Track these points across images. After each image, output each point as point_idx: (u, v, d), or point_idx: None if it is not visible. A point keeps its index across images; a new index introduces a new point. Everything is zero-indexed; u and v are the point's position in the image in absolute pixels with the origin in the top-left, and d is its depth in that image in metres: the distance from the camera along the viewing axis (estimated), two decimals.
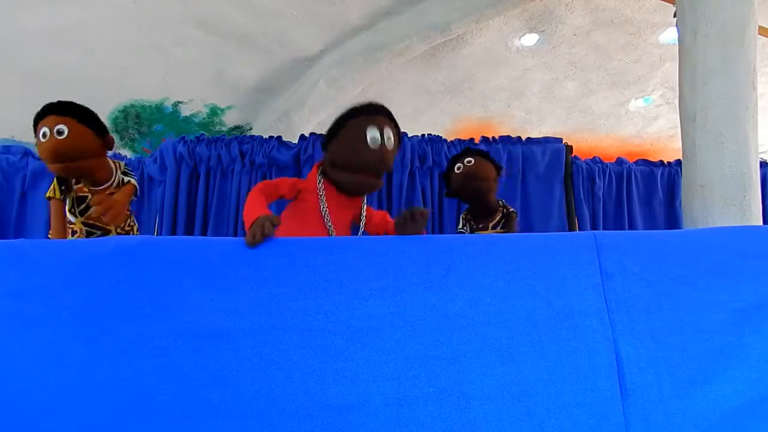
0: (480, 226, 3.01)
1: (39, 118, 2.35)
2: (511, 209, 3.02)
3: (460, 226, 3.11)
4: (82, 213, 2.52)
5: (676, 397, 1.32)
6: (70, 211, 2.51)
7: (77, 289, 1.35)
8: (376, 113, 2.04)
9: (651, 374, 1.34)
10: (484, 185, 2.92)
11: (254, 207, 1.84)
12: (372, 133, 1.97)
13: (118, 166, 2.62)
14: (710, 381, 1.34)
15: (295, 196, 2.14)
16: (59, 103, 2.37)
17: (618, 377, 1.34)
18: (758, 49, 3.06)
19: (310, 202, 2.11)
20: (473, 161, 2.93)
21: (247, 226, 1.70)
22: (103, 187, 2.54)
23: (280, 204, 2.15)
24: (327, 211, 2.09)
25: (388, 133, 2.01)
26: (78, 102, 2.40)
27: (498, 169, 3.02)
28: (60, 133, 2.29)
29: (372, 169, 2.01)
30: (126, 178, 2.62)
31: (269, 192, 2.05)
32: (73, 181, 2.49)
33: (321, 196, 2.10)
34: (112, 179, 2.57)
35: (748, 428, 1.31)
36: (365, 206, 2.23)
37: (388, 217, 2.26)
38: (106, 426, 1.22)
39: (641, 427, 1.30)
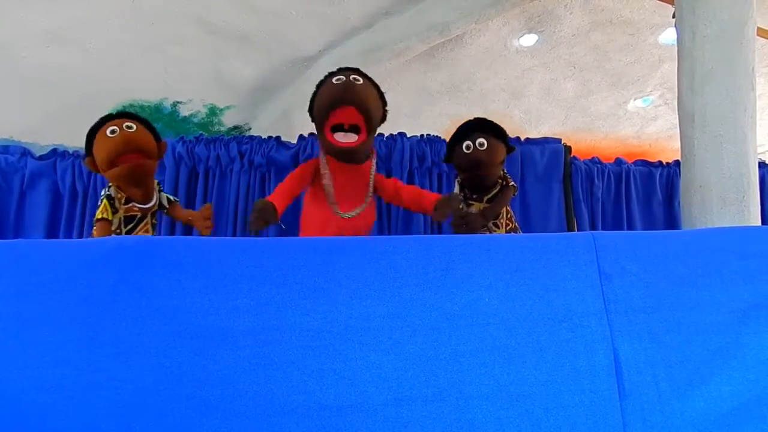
0: (474, 196, 2.86)
1: (102, 122, 2.46)
2: (512, 182, 2.86)
3: (457, 189, 2.93)
4: (129, 233, 2.49)
5: (674, 398, 1.32)
6: (116, 231, 2.47)
7: (76, 289, 1.35)
8: (342, 71, 2.21)
9: (649, 375, 1.35)
10: (491, 172, 2.76)
11: (275, 191, 1.95)
12: (337, 77, 2.14)
13: (154, 183, 2.66)
14: (708, 381, 1.34)
15: (314, 177, 2.20)
16: (120, 112, 2.52)
17: (616, 377, 1.34)
18: (757, 50, 3.06)
19: (319, 183, 2.17)
20: (486, 145, 2.68)
21: None
22: (149, 205, 2.56)
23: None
24: (331, 186, 2.13)
25: (354, 76, 2.09)
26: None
27: (510, 149, 2.83)
28: (129, 128, 2.40)
29: (342, 99, 2.06)
30: (171, 197, 2.71)
31: (300, 178, 2.12)
32: (123, 200, 2.48)
33: (324, 171, 2.15)
34: (155, 197, 2.62)
35: (746, 429, 1.31)
36: (373, 173, 2.26)
37: (399, 182, 2.29)
38: (104, 426, 1.22)
39: (639, 427, 1.30)
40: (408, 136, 3.86)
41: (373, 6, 4.50)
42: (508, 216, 2.88)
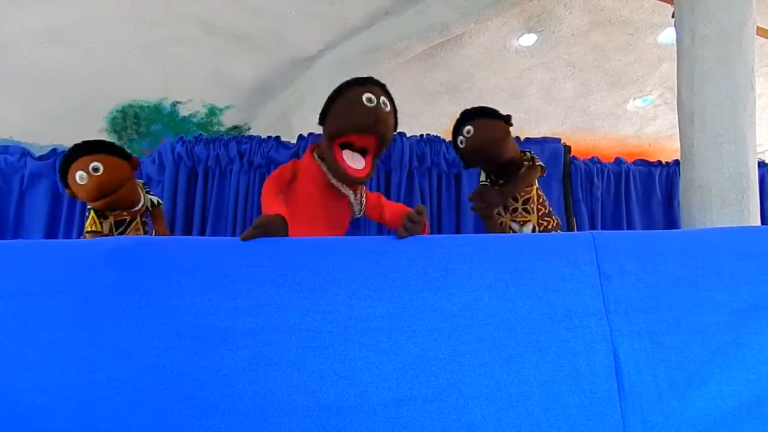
0: (501, 182, 2.76)
1: (68, 162, 2.44)
2: (539, 162, 2.73)
3: (483, 178, 2.83)
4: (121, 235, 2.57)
5: (674, 398, 1.32)
6: (107, 235, 2.54)
7: (75, 289, 1.35)
8: (371, 83, 2.07)
9: (649, 375, 1.34)
10: (492, 150, 2.61)
11: (268, 203, 1.88)
12: (367, 95, 1.98)
13: (138, 185, 2.72)
14: (708, 381, 1.34)
15: (293, 178, 2.14)
16: (84, 143, 2.48)
17: (616, 377, 1.34)
18: (756, 50, 3.06)
19: (302, 184, 2.11)
20: (472, 130, 2.60)
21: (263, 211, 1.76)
22: (137, 208, 2.65)
23: None
24: (311, 197, 2.09)
25: (383, 99, 2.01)
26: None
27: (506, 120, 2.66)
28: (96, 170, 2.40)
29: (371, 125, 1.99)
30: (154, 198, 2.78)
31: (282, 182, 2.07)
32: (98, 229, 2.56)
33: (316, 180, 2.10)
34: (142, 199, 2.69)
35: (746, 429, 1.31)
36: (363, 190, 2.20)
37: (383, 198, 2.22)
38: (104, 426, 1.22)
39: (639, 427, 1.30)
40: (407, 136, 3.86)
41: (372, 6, 4.50)
42: (540, 201, 2.76)
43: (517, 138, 3.94)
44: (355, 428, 1.25)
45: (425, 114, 5.78)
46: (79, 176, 2.39)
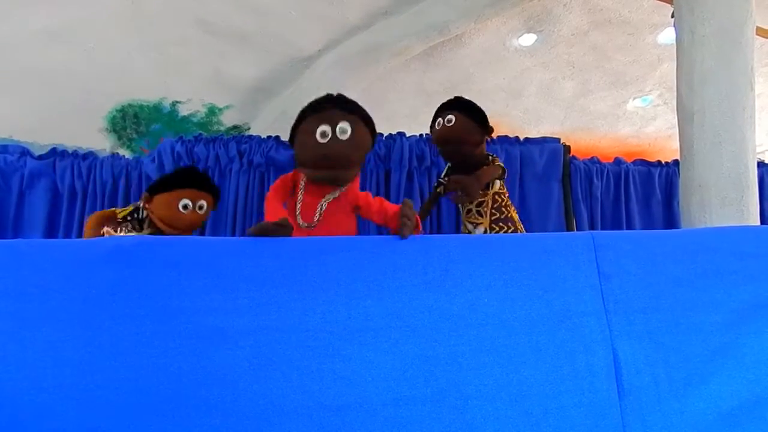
0: (442, 180, 2.86)
1: (173, 185, 2.59)
2: (497, 163, 2.71)
3: (443, 175, 2.88)
4: None
5: (673, 398, 1.32)
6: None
7: (75, 289, 1.35)
8: (325, 108, 2.00)
9: (648, 375, 1.35)
10: (460, 151, 2.67)
11: (272, 212, 1.88)
12: (321, 129, 1.94)
13: None
14: (707, 381, 1.34)
15: (294, 186, 2.15)
16: (196, 174, 2.69)
17: (615, 378, 1.34)
18: (756, 50, 3.06)
19: (295, 194, 2.12)
20: (453, 120, 2.62)
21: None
22: None
23: None
24: (301, 201, 2.08)
25: (342, 126, 1.95)
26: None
27: (484, 128, 2.69)
28: (201, 208, 2.59)
29: (323, 165, 1.97)
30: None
31: (285, 192, 2.08)
32: (147, 223, 2.65)
33: (301, 188, 2.10)
34: None
35: (745, 429, 1.31)
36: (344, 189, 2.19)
37: (386, 203, 2.21)
38: (104, 426, 1.22)
39: (638, 427, 1.30)
40: (407, 135, 3.86)
41: (372, 6, 4.50)
42: (495, 205, 2.72)
43: (517, 138, 3.94)
44: (355, 428, 1.25)
45: (425, 114, 5.76)
46: (183, 205, 2.52)
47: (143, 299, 1.34)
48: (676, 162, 4.08)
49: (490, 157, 2.75)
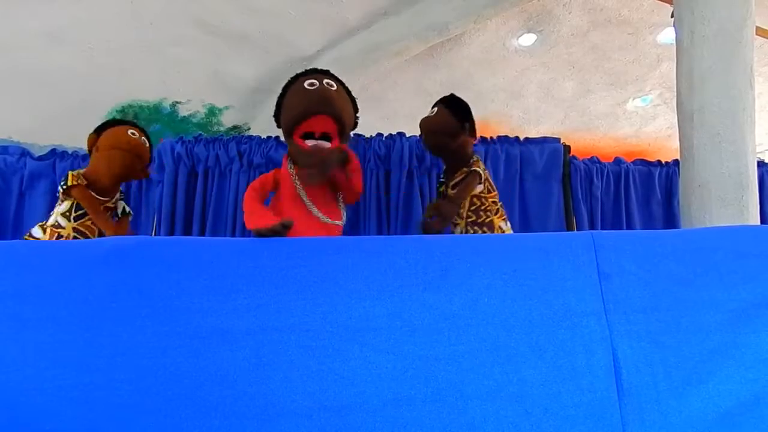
0: (442, 179, 2.91)
1: (122, 123, 2.83)
2: (478, 169, 2.71)
3: (442, 174, 2.95)
4: (77, 218, 2.65)
5: (673, 397, 1.32)
6: (64, 214, 2.65)
7: (74, 290, 1.36)
8: (311, 72, 2.09)
9: (648, 374, 1.35)
10: (434, 140, 2.78)
11: (258, 213, 1.88)
12: (308, 81, 2.01)
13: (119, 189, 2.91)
14: (706, 381, 1.34)
15: (275, 187, 2.15)
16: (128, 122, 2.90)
17: (615, 377, 1.34)
18: (756, 50, 3.06)
19: (286, 190, 2.11)
20: (435, 111, 2.79)
21: (250, 226, 1.77)
22: (105, 198, 2.75)
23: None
24: (304, 192, 2.08)
25: (327, 81, 2.03)
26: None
27: (462, 121, 2.75)
28: (144, 143, 2.78)
29: (314, 105, 2.00)
30: (127, 208, 2.93)
31: (263, 193, 2.08)
32: (85, 183, 2.68)
33: (295, 180, 2.10)
34: (116, 196, 2.84)
35: (744, 428, 1.31)
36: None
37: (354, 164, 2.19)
38: (103, 427, 1.22)
39: (638, 427, 1.30)
40: (407, 136, 3.86)
41: (371, 6, 4.51)
42: (473, 208, 2.72)
43: (517, 138, 3.94)
44: (355, 428, 1.25)
45: (424, 114, 5.79)
46: (131, 132, 2.73)
47: (143, 300, 1.35)
48: (676, 162, 4.08)
49: (473, 159, 2.77)
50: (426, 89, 5.54)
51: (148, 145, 2.83)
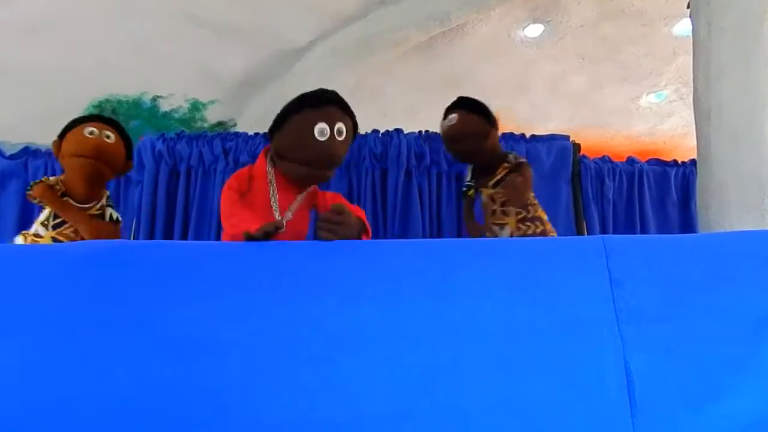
0: (480, 182, 2.94)
1: (82, 120, 2.68)
2: (522, 160, 2.85)
3: (468, 178, 3.01)
4: (56, 227, 2.59)
5: (688, 412, 1.32)
6: (42, 223, 2.60)
7: (47, 298, 1.35)
8: (324, 104, 2.02)
9: (662, 388, 1.35)
10: (468, 145, 2.81)
11: (241, 216, 1.87)
12: (320, 127, 1.96)
13: (106, 194, 2.81)
14: (724, 395, 1.34)
15: (249, 185, 2.14)
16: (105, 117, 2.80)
17: (627, 391, 1.34)
18: None
19: (259, 189, 2.11)
20: (455, 119, 2.79)
21: (234, 230, 1.76)
22: (88, 205, 2.67)
23: None
24: (276, 197, 2.08)
25: (339, 126, 1.99)
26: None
27: (487, 118, 2.83)
28: (108, 137, 2.63)
29: (320, 164, 2.02)
30: (116, 215, 2.79)
31: (240, 192, 2.07)
32: (60, 191, 2.62)
33: (271, 181, 2.10)
34: (101, 202, 2.74)
35: None
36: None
37: (340, 199, 2.22)
38: None
39: None
40: (405, 133, 3.86)
41: None
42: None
43: (522, 135, 3.95)
44: None
45: (424, 109, 5.78)
46: (89, 131, 2.59)
47: (121, 309, 1.35)
48: (693, 161, 4.09)
49: (510, 155, 2.87)
50: (426, 83, 5.55)
51: (114, 138, 2.66)
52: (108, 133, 2.64)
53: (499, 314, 1.39)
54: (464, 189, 3.04)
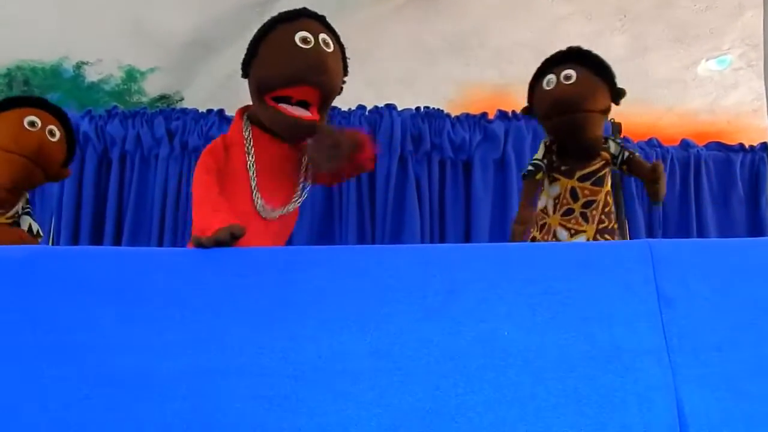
0: (563, 168, 2.74)
1: (21, 103, 2.64)
2: (630, 152, 2.74)
3: (540, 155, 2.79)
4: None
5: None
6: None
7: None
8: (302, 17, 2.11)
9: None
10: (580, 120, 2.60)
11: (209, 207, 1.86)
12: (301, 35, 2.01)
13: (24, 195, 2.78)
14: None
15: (225, 155, 2.15)
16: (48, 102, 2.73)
17: None
18: None
19: (235, 161, 2.11)
20: (574, 78, 2.58)
21: (199, 225, 1.74)
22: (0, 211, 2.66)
23: None
24: (255, 175, 2.08)
25: (324, 37, 2.05)
26: None
27: (616, 93, 2.68)
28: (52, 134, 2.60)
29: (312, 72, 2.02)
30: (36, 229, 2.75)
31: (217, 171, 2.07)
32: None
33: (249, 151, 2.11)
34: (15, 209, 2.70)
35: None
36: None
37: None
38: None
39: None
40: (399, 109, 3.87)
41: None
42: (606, 209, 2.73)
43: None
44: None
45: (423, 79, 5.79)
46: (30, 122, 2.53)
47: (36, 332, 1.34)
48: (763, 146, 4.11)
49: (611, 142, 2.77)
50: (425, 45, 5.54)
51: (59, 136, 2.62)
52: (53, 128, 2.61)
53: (518, 341, 1.40)
54: (530, 168, 2.80)
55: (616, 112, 4.19)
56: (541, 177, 2.78)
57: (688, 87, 6.22)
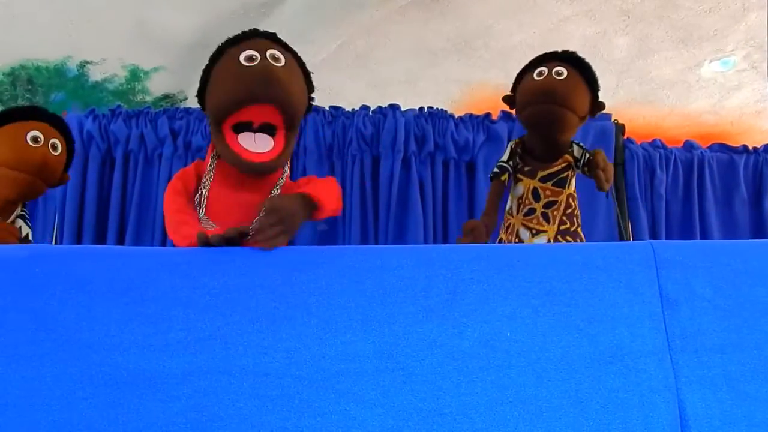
0: (527, 169, 2.79)
1: (24, 116, 2.59)
2: (590, 153, 2.66)
3: (505, 158, 2.84)
4: None
5: None
6: None
7: None
8: (251, 36, 2.08)
9: None
10: (559, 114, 2.62)
11: (191, 222, 1.84)
12: (247, 54, 1.97)
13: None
14: None
15: (197, 182, 2.11)
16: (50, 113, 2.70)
17: None
18: None
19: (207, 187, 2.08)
20: (565, 74, 2.63)
21: (183, 243, 1.73)
22: None
23: None
24: (204, 202, 2.03)
25: (273, 52, 1.99)
26: None
27: (596, 105, 2.72)
28: (54, 147, 2.58)
29: (254, 94, 1.93)
30: (25, 230, 2.74)
31: (187, 194, 2.04)
32: None
33: (205, 182, 2.06)
34: (12, 214, 2.69)
35: None
36: (280, 185, 2.12)
37: (313, 179, 2.15)
38: None
39: None
40: (403, 109, 3.86)
41: None
42: (568, 211, 2.72)
43: None
44: None
45: (426, 79, 5.79)
46: (33, 137, 2.50)
47: (39, 332, 1.34)
48: (767, 147, 4.11)
49: (575, 145, 2.76)
50: (429, 46, 5.55)
51: (60, 149, 2.61)
52: (55, 141, 2.60)
53: (521, 342, 1.40)
54: (495, 170, 2.87)
55: (620, 113, 4.20)
56: (506, 179, 2.83)
57: (691, 88, 6.21)
